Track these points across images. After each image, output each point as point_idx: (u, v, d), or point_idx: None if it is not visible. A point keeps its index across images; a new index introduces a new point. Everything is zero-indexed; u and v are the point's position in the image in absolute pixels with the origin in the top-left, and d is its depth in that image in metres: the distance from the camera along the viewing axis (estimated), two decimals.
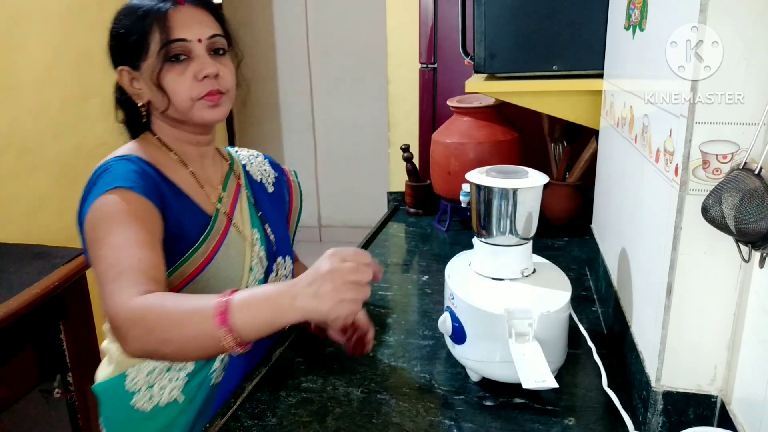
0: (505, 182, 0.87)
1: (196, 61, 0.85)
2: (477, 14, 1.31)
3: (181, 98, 0.85)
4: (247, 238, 0.95)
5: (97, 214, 0.77)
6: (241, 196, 0.99)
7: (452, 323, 0.90)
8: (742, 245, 0.62)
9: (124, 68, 0.87)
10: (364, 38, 3.47)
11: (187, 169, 0.92)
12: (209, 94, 0.86)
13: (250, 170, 1.06)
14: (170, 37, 0.83)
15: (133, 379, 0.88)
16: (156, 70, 0.83)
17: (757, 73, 0.59)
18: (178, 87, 0.84)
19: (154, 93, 0.86)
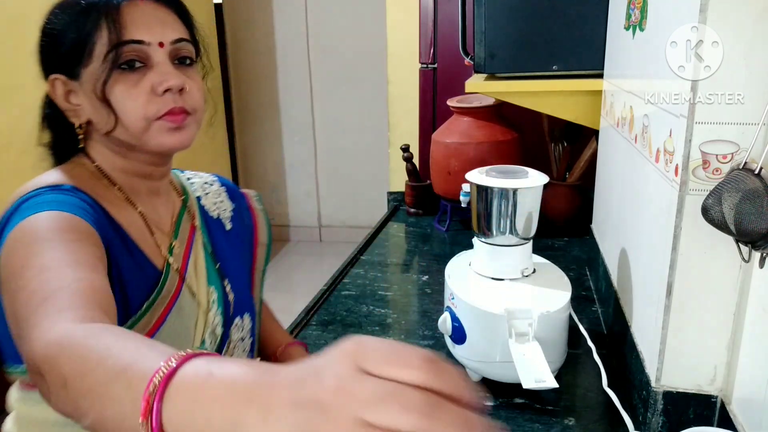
0: (505, 182, 0.87)
1: (155, 70, 0.66)
2: (477, 14, 1.31)
3: (134, 117, 0.65)
4: (201, 303, 0.74)
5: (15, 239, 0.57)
6: (195, 245, 0.78)
7: (452, 323, 0.90)
8: (742, 245, 0.62)
9: (58, 77, 0.67)
10: (364, 38, 3.47)
11: (136, 209, 0.71)
12: (170, 113, 0.67)
13: (205, 204, 0.85)
14: (122, 38, 0.64)
15: None
16: (101, 80, 0.64)
17: (757, 73, 0.59)
18: (129, 102, 0.65)
19: (97, 109, 0.66)
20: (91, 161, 0.71)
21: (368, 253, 1.48)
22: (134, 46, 0.65)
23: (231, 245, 0.85)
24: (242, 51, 3.66)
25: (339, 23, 3.57)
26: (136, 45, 0.65)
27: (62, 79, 0.67)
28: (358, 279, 1.32)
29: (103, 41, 0.64)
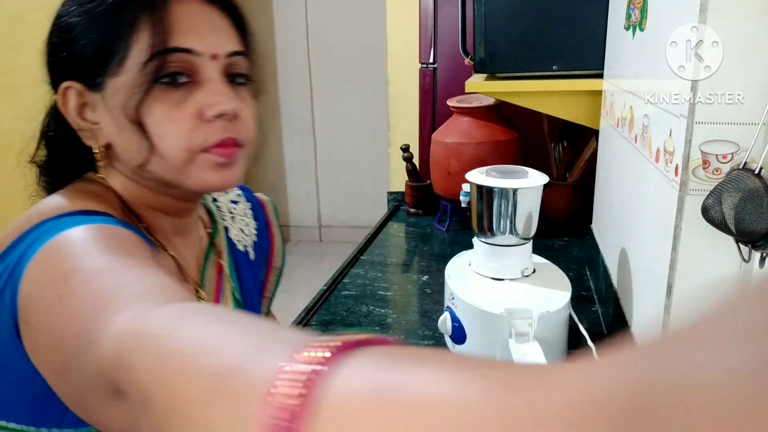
0: (505, 182, 0.87)
1: (205, 88, 0.53)
2: (477, 14, 1.31)
3: (174, 146, 0.52)
4: None
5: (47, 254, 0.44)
6: (224, 291, 0.68)
7: (452, 323, 0.90)
8: (742, 245, 0.62)
9: (73, 85, 0.53)
10: (364, 38, 3.48)
11: (166, 251, 0.59)
12: (221, 145, 0.53)
13: (233, 235, 0.73)
14: (168, 43, 0.51)
15: None
16: (136, 96, 0.50)
17: (757, 73, 0.59)
18: (170, 127, 0.51)
19: (125, 132, 0.52)
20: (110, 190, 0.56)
21: (368, 253, 1.48)
22: (182, 55, 0.51)
23: (254, 279, 0.74)
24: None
25: (339, 23, 3.58)
26: (184, 54, 0.51)
27: (78, 88, 0.53)
28: (358, 279, 1.32)
29: (142, 46, 0.50)
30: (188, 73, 0.52)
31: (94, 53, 0.51)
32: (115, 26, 0.51)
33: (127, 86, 0.51)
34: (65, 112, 0.54)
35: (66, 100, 0.54)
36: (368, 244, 1.55)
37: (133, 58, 0.51)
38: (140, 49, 0.51)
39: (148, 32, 0.50)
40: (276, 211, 0.83)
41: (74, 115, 0.54)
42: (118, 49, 0.51)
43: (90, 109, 0.54)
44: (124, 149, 0.54)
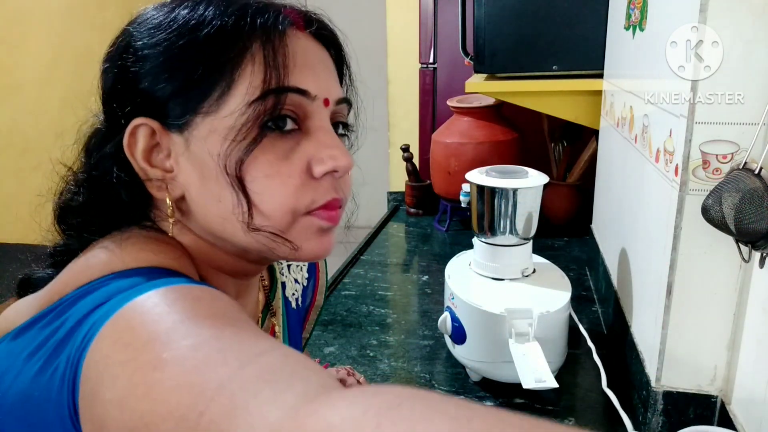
0: (505, 182, 0.87)
1: (314, 138, 0.44)
2: (477, 14, 1.31)
3: (279, 206, 0.43)
4: None
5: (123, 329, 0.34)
6: None
7: (452, 323, 0.90)
8: (742, 245, 0.62)
9: (148, 122, 0.42)
10: (364, 38, 3.47)
11: None
12: (327, 207, 0.45)
13: (288, 293, 0.66)
14: (285, 81, 0.42)
15: None
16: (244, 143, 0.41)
17: (757, 73, 0.59)
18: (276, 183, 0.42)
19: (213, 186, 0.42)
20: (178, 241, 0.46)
21: (368, 253, 1.48)
22: (297, 97, 0.43)
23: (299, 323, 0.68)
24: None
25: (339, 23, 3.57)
26: (299, 96, 0.43)
27: (153, 127, 0.42)
28: (358, 279, 1.32)
29: (253, 82, 0.41)
30: (299, 119, 0.44)
31: (185, 85, 0.41)
32: (220, 55, 0.41)
33: (226, 131, 0.41)
34: (131, 154, 0.43)
35: (134, 140, 0.43)
36: (368, 244, 1.55)
37: (237, 96, 0.41)
38: (249, 86, 0.41)
39: (261, 66, 0.41)
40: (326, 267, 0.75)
41: (142, 160, 0.43)
42: (219, 83, 0.41)
43: (162, 152, 0.43)
44: (207, 206, 0.43)
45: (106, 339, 0.34)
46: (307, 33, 0.46)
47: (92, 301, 0.37)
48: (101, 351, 0.34)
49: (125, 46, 0.44)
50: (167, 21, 0.42)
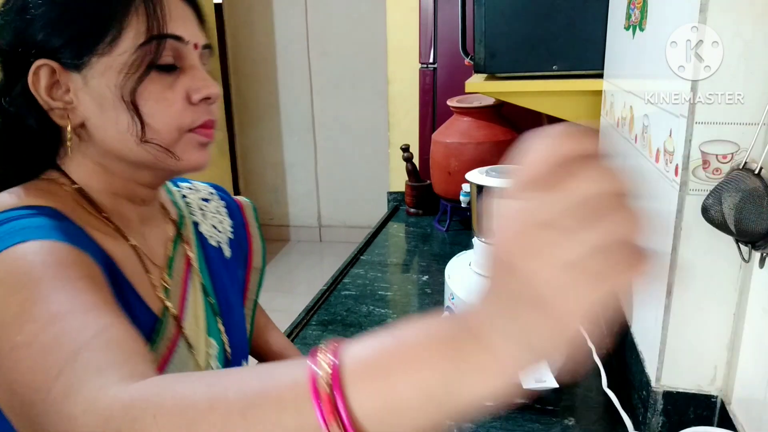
0: (505, 182, 0.87)
1: (190, 74, 0.55)
2: (477, 14, 1.31)
3: (165, 125, 0.54)
4: (200, 356, 0.62)
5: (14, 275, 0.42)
6: (193, 286, 0.65)
7: None
8: (742, 245, 0.62)
9: (49, 63, 0.51)
10: (364, 38, 3.47)
11: (127, 241, 0.58)
12: (204, 126, 0.56)
13: (203, 230, 0.71)
14: (164, 30, 0.53)
15: None
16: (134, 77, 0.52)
17: (757, 73, 0.59)
18: (162, 108, 0.53)
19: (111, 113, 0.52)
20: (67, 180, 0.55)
21: (368, 253, 1.48)
22: (175, 42, 0.54)
23: (230, 277, 0.72)
24: (242, 51, 3.66)
25: (339, 23, 3.57)
26: (176, 41, 0.54)
27: (53, 66, 0.51)
28: (358, 279, 1.32)
29: (139, 29, 0.52)
30: (177, 59, 0.55)
31: (81, 32, 0.51)
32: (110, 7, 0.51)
33: (120, 67, 0.52)
34: (35, 91, 0.52)
35: (37, 78, 0.52)
36: (368, 244, 1.55)
37: (127, 40, 0.51)
38: (136, 32, 0.52)
39: (144, 16, 0.52)
40: (256, 213, 0.82)
41: (45, 94, 0.52)
42: (110, 30, 0.51)
43: (62, 88, 0.53)
44: (106, 129, 0.54)
45: None
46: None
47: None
48: None
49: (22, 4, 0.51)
50: None
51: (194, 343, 0.61)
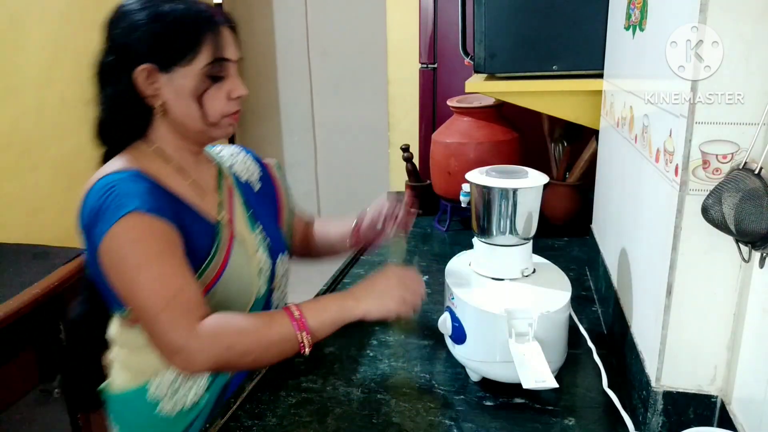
0: (505, 182, 0.87)
1: (230, 80, 0.86)
2: (477, 14, 1.31)
3: (215, 114, 0.86)
4: (250, 245, 0.94)
5: (119, 242, 0.76)
6: (235, 201, 0.97)
7: (452, 323, 0.90)
8: (742, 245, 0.62)
9: (148, 66, 0.81)
10: (364, 38, 3.47)
11: (187, 179, 0.90)
12: (235, 114, 0.89)
13: (236, 171, 1.04)
14: (223, 55, 0.84)
15: (155, 389, 0.89)
16: (201, 85, 0.83)
17: (757, 73, 0.59)
18: (214, 103, 0.85)
19: (183, 103, 0.84)
20: (150, 143, 0.88)
21: (368, 253, 1.48)
22: (226, 63, 0.86)
23: (260, 202, 1.04)
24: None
25: (339, 23, 3.57)
26: (226, 62, 0.86)
27: (150, 68, 0.82)
28: (358, 279, 1.32)
29: (207, 53, 0.83)
30: (226, 73, 0.86)
31: (173, 51, 0.82)
32: (195, 37, 0.82)
33: (192, 76, 0.83)
34: (138, 82, 0.83)
35: (139, 74, 0.82)
36: None
37: (199, 60, 0.83)
38: (206, 55, 0.83)
39: (210, 46, 0.83)
40: (279, 167, 1.15)
41: (143, 84, 0.83)
42: (190, 52, 0.82)
43: (155, 83, 0.83)
44: (179, 112, 0.86)
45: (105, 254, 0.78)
46: (226, 25, 0.87)
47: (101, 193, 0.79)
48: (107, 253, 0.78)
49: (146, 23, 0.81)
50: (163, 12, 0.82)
51: (244, 238, 0.94)
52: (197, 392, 0.90)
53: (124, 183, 0.79)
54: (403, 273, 0.87)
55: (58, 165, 2.01)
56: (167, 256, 0.78)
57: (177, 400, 0.89)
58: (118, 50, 0.83)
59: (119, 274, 0.77)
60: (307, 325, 0.79)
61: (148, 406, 0.88)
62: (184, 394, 0.89)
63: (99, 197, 0.78)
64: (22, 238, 1.82)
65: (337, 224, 1.16)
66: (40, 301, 1.33)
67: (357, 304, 0.82)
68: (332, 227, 1.17)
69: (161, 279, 0.76)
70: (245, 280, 0.91)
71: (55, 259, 1.50)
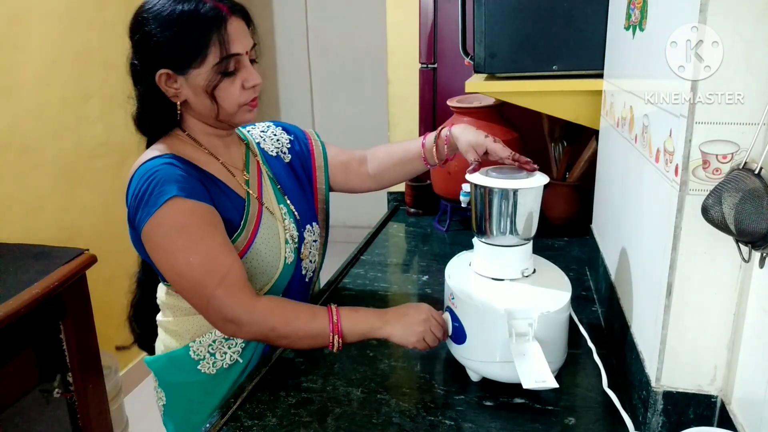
0: (505, 182, 0.87)
1: (243, 70, 0.91)
2: (477, 14, 1.31)
3: (231, 105, 0.92)
4: (277, 217, 1.02)
5: (162, 229, 0.84)
6: (263, 176, 1.05)
7: (452, 323, 0.90)
8: (742, 245, 0.62)
9: (166, 71, 0.88)
10: (364, 38, 3.47)
11: (218, 160, 0.98)
12: (253, 101, 0.94)
13: (264, 147, 1.12)
14: (230, 52, 0.88)
15: (196, 350, 0.97)
16: (212, 83, 0.89)
17: (757, 73, 0.59)
18: (229, 96, 0.91)
19: (200, 99, 0.91)
20: (182, 131, 0.97)
21: (368, 253, 1.48)
22: (236, 57, 0.89)
23: (289, 175, 1.12)
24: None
25: (339, 23, 3.57)
26: (237, 57, 0.89)
27: (168, 72, 0.89)
28: (358, 279, 1.32)
29: (215, 53, 0.87)
30: (236, 64, 0.90)
31: (187, 55, 0.87)
32: (201, 41, 0.87)
33: (205, 75, 0.89)
34: (160, 84, 0.90)
35: (160, 79, 0.90)
36: (368, 244, 1.55)
37: (209, 60, 0.88)
38: (214, 55, 0.88)
39: (218, 45, 0.87)
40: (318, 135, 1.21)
41: (164, 86, 0.91)
42: (200, 56, 0.87)
43: (175, 83, 0.91)
44: (198, 106, 0.93)
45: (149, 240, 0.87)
46: (235, 16, 0.90)
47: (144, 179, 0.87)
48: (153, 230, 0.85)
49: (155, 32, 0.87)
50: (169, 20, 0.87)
51: (272, 211, 1.02)
52: (232, 356, 0.98)
53: (162, 170, 0.86)
54: (432, 314, 0.90)
55: (58, 165, 2.01)
56: (212, 236, 0.86)
57: (216, 361, 0.97)
58: (140, 55, 0.91)
59: (167, 257, 0.85)
60: (341, 330, 0.88)
61: (191, 365, 0.97)
62: (221, 355, 0.97)
63: (140, 184, 0.86)
64: (22, 238, 1.82)
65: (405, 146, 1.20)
66: (40, 301, 1.33)
67: (384, 326, 0.89)
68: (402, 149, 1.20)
69: (212, 258, 0.85)
70: (274, 249, 0.99)
71: (55, 259, 1.50)
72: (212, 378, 0.98)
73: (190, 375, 0.98)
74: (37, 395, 1.44)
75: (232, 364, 0.98)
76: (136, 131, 0.97)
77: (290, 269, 1.02)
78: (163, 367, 1.01)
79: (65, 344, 1.49)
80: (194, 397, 0.99)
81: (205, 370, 0.97)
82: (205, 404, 0.98)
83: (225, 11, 0.87)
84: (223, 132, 0.99)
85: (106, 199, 2.19)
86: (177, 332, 0.99)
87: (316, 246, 1.11)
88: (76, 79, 2.06)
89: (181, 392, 1.01)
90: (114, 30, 2.16)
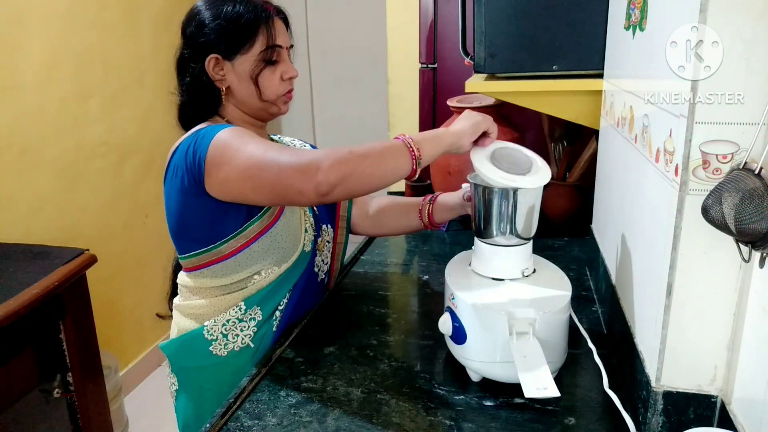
0: (505, 182, 0.87)
1: (282, 64, 1.04)
2: (477, 14, 1.31)
3: (271, 93, 1.03)
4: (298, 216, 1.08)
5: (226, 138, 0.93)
6: None
7: (452, 323, 0.90)
8: (742, 245, 0.62)
9: (215, 56, 1.00)
10: (364, 38, 3.47)
11: None
12: (288, 92, 1.06)
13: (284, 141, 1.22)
14: (275, 42, 1.01)
15: (210, 330, 1.02)
16: (257, 69, 1.00)
17: (757, 73, 0.59)
18: (270, 84, 1.03)
19: (244, 84, 1.02)
20: (221, 117, 1.06)
21: (368, 253, 1.48)
22: (279, 49, 1.03)
23: None
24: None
25: (339, 23, 3.57)
26: (279, 48, 1.03)
27: (218, 57, 1.00)
28: (358, 279, 1.32)
29: (262, 42, 1.00)
30: (278, 57, 1.03)
31: (234, 42, 0.99)
32: (252, 29, 1.00)
33: (250, 61, 1.01)
34: (209, 69, 1.01)
35: (209, 63, 1.00)
36: (368, 244, 1.55)
37: (255, 48, 1.01)
38: (261, 43, 1.01)
39: (264, 35, 1.01)
40: None
41: (212, 72, 1.01)
42: (248, 42, 1.00)
43: (222, 69, 1.01)
44: (241, 93, 1.03)
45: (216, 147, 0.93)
46: (278, 16, 1.05)
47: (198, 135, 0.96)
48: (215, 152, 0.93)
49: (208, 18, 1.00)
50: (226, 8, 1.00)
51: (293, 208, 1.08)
52: (244, 339, 1.02)
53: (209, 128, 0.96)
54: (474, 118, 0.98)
55: (58, 165, 2.01)
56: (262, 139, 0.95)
57: (227, 343, 1.01)
58: (191, 45, 1.02)
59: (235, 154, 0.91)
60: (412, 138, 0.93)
61: (203, 347, 1.02)
62: (233, 337, 1.02)
63: (189, 140, 0.95)
64: (22, 238, 1.82)
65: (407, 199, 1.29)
66: (40, 301, 1.33)
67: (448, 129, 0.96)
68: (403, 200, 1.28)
69: (273, 146, 0.92)
70: (295, 232, 1.05)
71: (55, 259, 1.50)
72: (223, 361, 1.02)
73: (201, 358, 1.02)
74: (37, 395, 1.45)
75: (243, 347, 1.02)
76: (177, 124, 1.06)
77: (305, 258, 1.08)
78: (177, 351, 1.05)
79: (65, 344, 1.50)
80: (204, 383, 1.04)
81: (217, 351, 1.02)
82: (213, 391, 1.02)
83: (271, 10, 1.02)
84: (259, 123, 1.09)
85: (106, 199, 2.19)
86: (194, 314, 1.04)
87: (329, 247, 1.17)
88: (76, 79, 2.06)
89: (193, 376, 1.05)
90: (114, 30, 2.17)
